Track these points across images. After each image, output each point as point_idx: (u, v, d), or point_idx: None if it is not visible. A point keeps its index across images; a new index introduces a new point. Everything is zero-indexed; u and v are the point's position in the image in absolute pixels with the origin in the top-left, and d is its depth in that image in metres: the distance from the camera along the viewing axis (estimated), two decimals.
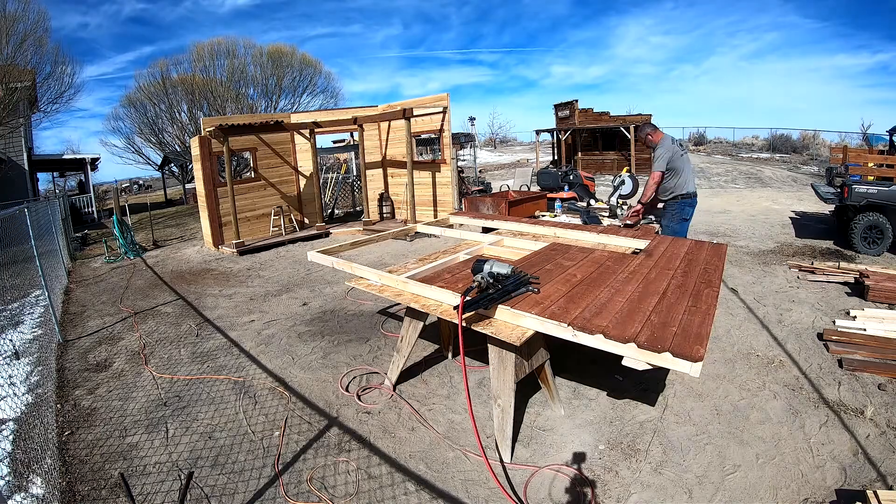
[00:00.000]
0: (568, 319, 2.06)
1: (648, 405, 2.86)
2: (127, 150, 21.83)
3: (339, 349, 3.86)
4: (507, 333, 2.18)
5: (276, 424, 2.83)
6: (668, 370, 2.92)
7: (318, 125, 9.33)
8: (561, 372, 3.20)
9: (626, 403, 2.89)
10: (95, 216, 17.24)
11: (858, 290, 4.74)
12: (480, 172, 18.16)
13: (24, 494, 2.32)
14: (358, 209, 12.24)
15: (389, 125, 9.84)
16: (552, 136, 22.53)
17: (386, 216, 10.11)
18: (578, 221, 4.69)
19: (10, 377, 3.54)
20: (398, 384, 3.19)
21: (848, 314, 4.15)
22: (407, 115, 8.30)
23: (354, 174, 13.47)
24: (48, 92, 14.49)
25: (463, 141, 18.21)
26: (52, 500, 2.29)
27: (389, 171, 10.18)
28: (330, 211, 11.82)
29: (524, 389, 2.96)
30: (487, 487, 2.24)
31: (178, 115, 20.25)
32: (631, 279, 2.62)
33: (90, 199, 17.68)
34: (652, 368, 1.82)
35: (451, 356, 3.59)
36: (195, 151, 8.46)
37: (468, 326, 2.28)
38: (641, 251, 3.28)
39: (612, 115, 19.14)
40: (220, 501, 2.23)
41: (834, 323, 3.99)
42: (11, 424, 2.93)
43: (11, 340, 4.36)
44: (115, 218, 9.05)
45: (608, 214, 5.08)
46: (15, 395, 3.29)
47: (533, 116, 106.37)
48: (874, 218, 6.23)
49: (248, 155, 9.96)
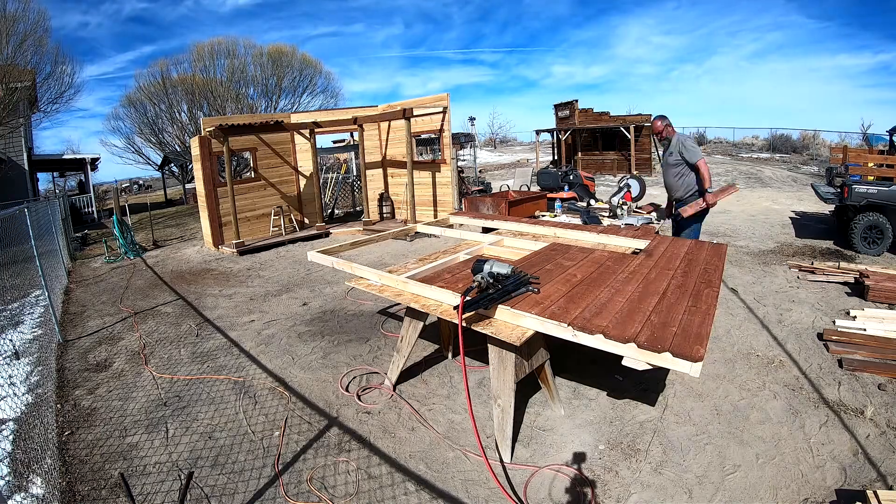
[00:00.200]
0: (568, 319, 2.06)
1: (648, 405, 2.86)
2: (127, 150, 21.85)
3: (339, 349, 3.86)
4: (507, 333, 2.18)
5: (276, 424, 2.83)
6: (668, 370, 2.92)
7: (318, 125, 9.33)
8: (561, 372, 3.20)
9: (626, 403, 2.89)
10: (95, 216, 17.24)
11: (858, 290, 4.74)
12: (480, 172, 18.15)
13: (24, 494, 2.32)
14: (358, 209, 12.25)
15: (389, 125, 9.84)
16: (552, 136, 22.52)
17: (386, 216, 10.11)
18: (578, 221, 4.69)
19: (10, 377, 3.54)
20: (398, 384, 3.19)
21: (848, 314, 4.15)
22: (407, 115, 8.30)
23: (354, 174, 13.47)
24: (48, 92, 14.50)
25: (463, 141, 18.21)
26: (52, 500, 2.29)
27: (389, 171, 10.18)
28: (330, 211, 11.83)
29: (524, 389, 2.96)
30: (487, 487, 2.24)
31: (178, 115, 20.26)
32: (631, 279, 2.62)
33: (90, 199, 17.68)
34: (652, 368, 1.82)
35: (451, 356, 3.59)
36: (195, 151, 8.46)
37: (468, 326, 2.28)
38: (641, 251, 3.28)
39: (612, 115, 19.13)
40: (220, 501, 2.23)
41: (834, 323, 3.99)
42: (11, 424, 2.93)
43: (11, 340, 4.36)
44: (115, 218, 9.05)
45: (608, 214, 5.08)
46: (15, 395, 3.29)
47: (533, 116, 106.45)
48: (874, 218, 6.23)
49: (248, 155, 9.96)
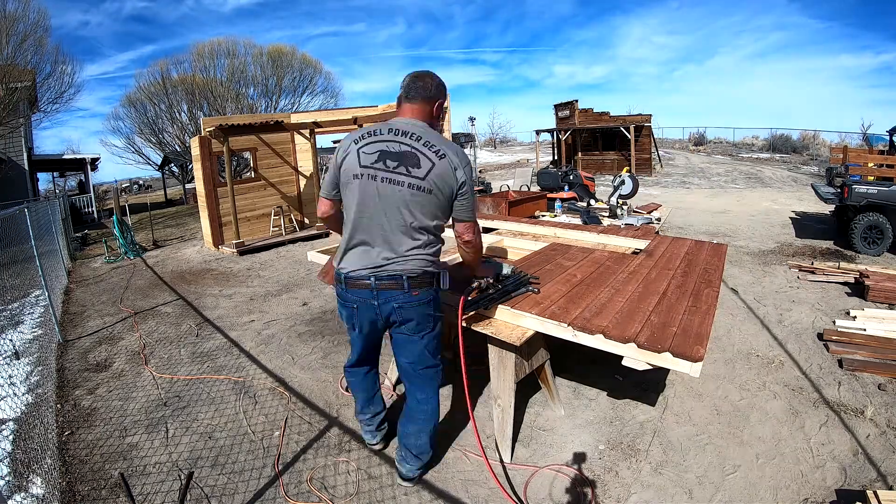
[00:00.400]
0: (568, 319, 2.06)
1: (648, 405, 2.86)
2: (127, 150, 21.87)
3: (339, 349, 3.86)
4: (507, 333, 2.17)
5: (276, 424, 2.83)
6: (668, 370, 2.92)
7: (318, 125, 9.33)
8: (561, 372, 3.20)
9: (626, 403, 2.89)
10: (95, 216, 17.24)
11: (858, 290, 4.74)
12: (480, 172, 18.15)
13: (24, 494, 2.32)
14: None
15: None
16: (552, 136, 22.53)
17: None
18: (578, 221, 4.69)
19: (10, 377, 3.54)
20: (398, 384, 3.19)
21: (848, 314, 4.15)
22: None
23: None
24: (48, 92, 14.48)
25: (463, 141, 18.19)
26: (52, 500, 2.29)
27: None
28: None
29: (524, 389, 2.96)
30: (487, 487, 2.24)
31: (178, 115, 20.27)
32: (631, 279, 2.62)
33: (90, 199, 17.69)
34: (652, 368, 1.82)
35: (450, 357, 3.58)
36: (195, 151, 8.45)
37: (468, 327, 2.28)
38: (641, 251, 3.28)
39: (612, 115, 19.15)
40: (220, 501, 2.23)
41: (834, 323, 3.99)
42: (11, 424, 2.93)
43: (11, 340, 4.36)
44: (115, 218, 9.05)
45: (608, 214, 5.08)
46: (15, 395, 3.29)
47: (533, 116, 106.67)
48: (874, 218, 6.23)
49: (248, 155, 9.96)
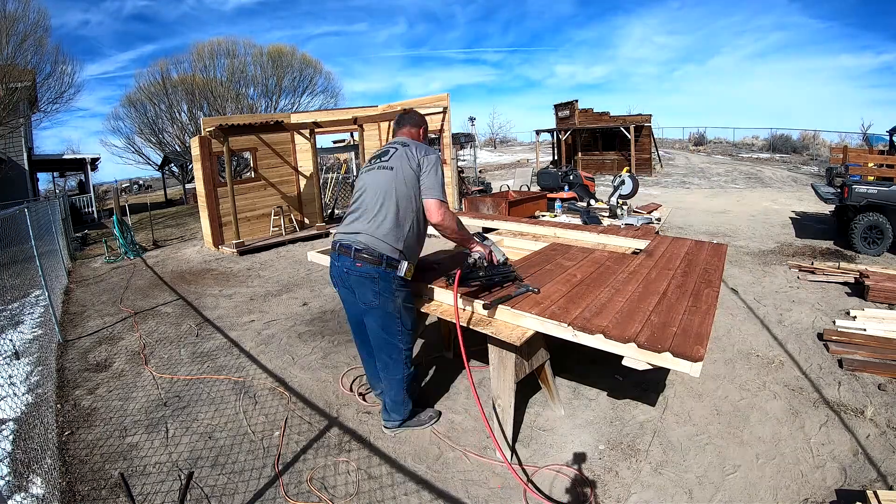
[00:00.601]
0: (568, 319, 2.06)
1: (648, 405, 2.86)
2: (127, 150, 21.87)
3: (339, 349, 3.86)
4: (507, 333, 2.18)
5: (276, 424, 2.83)
6: (668, 370, 2.92)
7: (318, 125, 9.33)
8: (561, 372, 3.20)
9: (626, 403, 2.89)
10: (95, 216, 17.24)
11: (858, 290, 4.74)
12: (480, 172, 18.15)
13: (24, 494, 2.32)
14: None
15: (389, 125, 9.84)
16: (552, 136, 22.53)
17: None
18: (578, 221, 4.69)
19: (10, 377, 3.54)
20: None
21: (848, 314, 4.15)
22: None
23: (354, 174, 13.46)
24: (48, 92, 14.48)
25: (463, 141, 18.22)
26: (52, 500, 2.29)
27: None
28: (330, 211, 11.81)
29: (524, 389, 2.96)
30: (487, 487, 2.24)
31: (178, 115, 20.27)
32: (631, 279, 2.62)
33: (90, 199, 17.68)
34: (652, 368, 1.82)
35: (451, 356, 3.59)
36: (195, 151, 8.46)
37: (467, 326, 2.28)
38: (641, 251, 3.28)
39: (612, 115, 19.14)
40: (220, 501, 2.23)
41: (834, 323, 3.99)
42: (11, 424, 2.93)
43: (11, 340, 4.36)
44: (115, 218, 9.05)
45: (608, 214, 5.08)
46: (15, 395, 3.29)
47: (534, 116, 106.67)
48: (874, 218, 6.23)
49: (248, 155, 9.96)
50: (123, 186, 32.06)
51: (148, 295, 5.96)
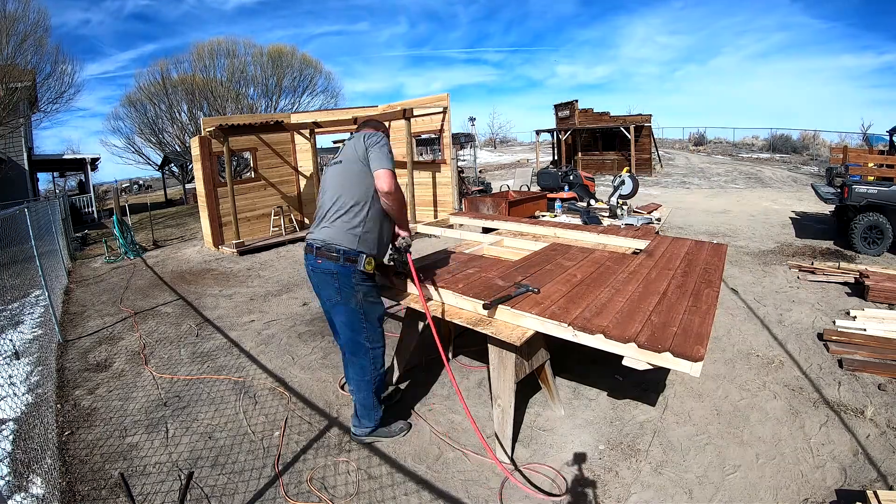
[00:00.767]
0: (568, 319, 2.06)
1: (648, 405, 2.86)
2: (127, 150, 21.86)
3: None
4: (507, 333, 2.18)
5: (276, 424, 2.83)
6: (668, 370, 2.92)
7: (318, 125, 9.33)
8: (561, 372, 3.20)
9: (626, 403, 2.89)
10: (95, 216, 17.24)
11: (858, 290, 4.74)
12: (480, 172, 18.16)
13: (24, 494, 2.32)
14: None
15: (389, 125, 9.82)
16: (552, 136, 22.53)
17: None
18: (578, 221, 4.69)
19: (10, 377, 3.54)
20: (398, 384, 3.18)
21: (848, 314, 4.15)
22: (407, 115, 8.30)
23: None
24: (48, 92, 14.47)
25: (463, 141, 18.23)
26: (52, 500, 2.29)
27: None
28: None
29: (524, 389, 2.96)
30: (487, 487, 2.24)
31: (178, 115, 20.26)
32: (631, 279, 2.62)
33: (90, 199, 17.68)
34: (652, 368, 1.82)
35: (451, 356, 3.59)
36: (195, 151, 8.46)
37: (468, 327, 2.29)
38: (641, 251, 3.28)
39: (612, 115, 19.15)
40: (220, 501, 2.23)
41: (834, 323, 3.99)
42: (11, 424, 2.93)
43: (11, 340, 4.36)
44: (115, 218, 9.05)
45: (608, 214, 5.08)
46: (15, 395, 3.29)
47: (534, 116, 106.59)
48: (874, 218, 6.23)
49: (248, 155, 9.96)
50: (123, 186, 32.07)
51: (148, 295, 5.96)
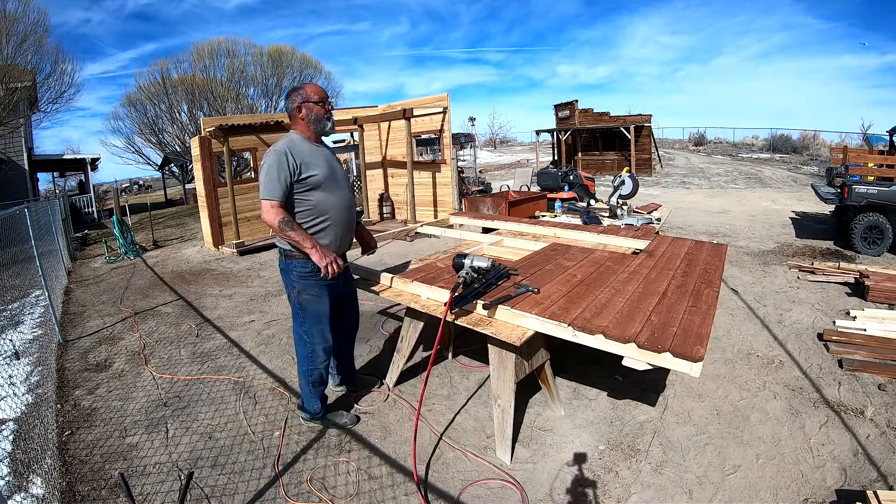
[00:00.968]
0: (568, 319, 2.06)
1: (648, 405, 2.86)
2: (127, 150, 21.88)
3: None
4: (507, 333, 2.17)
5: (276, 424, 2.83)
6: (668, 370, 2.92)
7: None
8: (561, 372, 3.20)
9: (626, 404, 2.89)
10: (95, 216, 17.24)
11: (858, 290, 4.74)
12: (480, 173, 18.16)
13: (24, 494, 2.32)
14: (358, 209, 12.24)
15: (390, 125, 9.84)
16: (552, 136, 22.53)
17: (386, 216, 10.11)
18: (578, 222, 4.69)
19: (10, 377, 3.54)
20: (398, 384, 3.19)
21: (848, 314, 4.15)
22: (407, 115, 8.30)
23: (354, 174, 13.46)
24: (48, 92, 14.48)
25: (463, 141, 18.21)
26: (52, 500, 2.29)
27: (390, 171, 10.18)
28: None
29: (524, 389, 2.96)
30: (487, 487, 2.24)
31: (178, 115, 20.28)
32: (631, 279, 2.62)
33: (90, 199, 17.68)
34: (652, 369, 1.81)
35: (451, 356, 3.59)
36: (195, 151, 8.46)
37: (468, 327, 2.29)
38: (642, 251, 3.28)
39: (612, 115, 19.14)
40: (220, 502, 2.23)
41: (834, 323, 3.99)
42: (11, 424, 2.93)
43: (11, 340, 4.36)
44: (115, 218, 9.05)
45: (608, 214, 5.08)
46: (15, 395, 3.29)
47: (534, 116, 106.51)
48: (874, 218, 6.23)
49: (248, 155, 9.96)
50: (123, 186, 32.08)
51: (148, 295, 5.96)
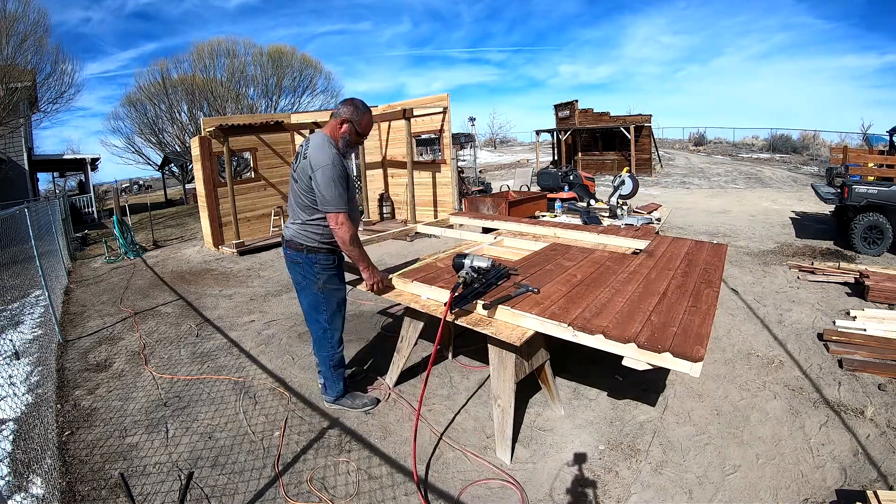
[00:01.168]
0: (568, 319, 2.06)
1: (648, 405, 2.86)
2: (127, 150, 21.90)
3: None
4: (507, 333, 2.17)
5: (276, 425, 2.83)
6: (668, 370, 2.92)
7: (318, 125, 9.32)
8: (561, 372, 3.20)
9: (626, 404, 2.89)
10: (95, 216, 17.24)
11: (858, 290, 4.74)
12: (480, 173, 18.16)
13: (24, 494, 2.32)
14: (358, 209, 12.24)
15: (390, 125, 9.84)
16: (552, 136, 22.53)
17: (386, 216, 10.11)
18: (578, 222, 4.69)
19: (10, 377, 3.54)
20: (398, 384, 3.19)
21: (848, 314, 4.15)
22: (407, 115, 8.30)
23: (354, 174, 13.46)
24: (48, 92, 14.49)
25: (463, 141, 18.20)
26: (52, 500, 2.29)
27: (390, 171, 10.18)
28: None
29: (524, 389, 2.96)
30: (487, 488, 2.24)
31: (178, 115, 20.29)
32: (631, 279, 2.62)
33: (90, 199, 17.68)
34: (652, 369, 1.81)
35: (451, 356, 3.59)
36: (195, 151, 8.46)
37: (467, 327, 2.28)
38: (641, 251, 3.28)
39: (612, 115, 19.14)
40: (220, 502, 2.23)
41: (834, 323, 3.99)
42: (11, 424, 2.93)
43: (11, 340, 4.36)
44: (115, 218, 9.05)
45: (608, 214, 5.08)
46: (15, 395, 3.29)
47: (534, 116, 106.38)
48: (874, 218, 6.23)
49: (248, 155, 9.96)
50: (123, 186, 32.08)
51: (148, 295, 5.96)
